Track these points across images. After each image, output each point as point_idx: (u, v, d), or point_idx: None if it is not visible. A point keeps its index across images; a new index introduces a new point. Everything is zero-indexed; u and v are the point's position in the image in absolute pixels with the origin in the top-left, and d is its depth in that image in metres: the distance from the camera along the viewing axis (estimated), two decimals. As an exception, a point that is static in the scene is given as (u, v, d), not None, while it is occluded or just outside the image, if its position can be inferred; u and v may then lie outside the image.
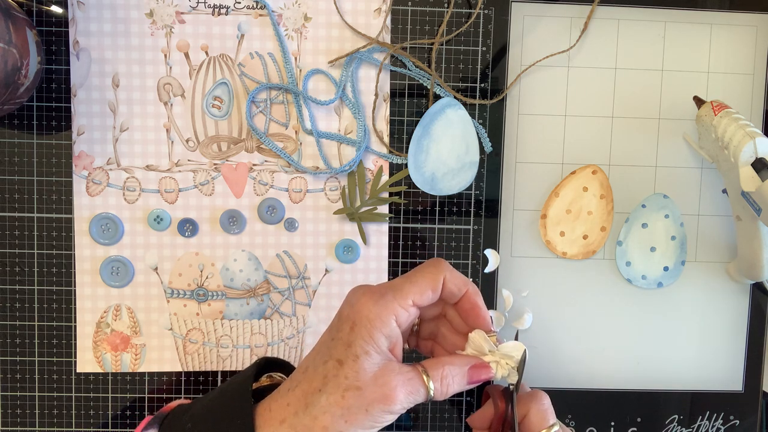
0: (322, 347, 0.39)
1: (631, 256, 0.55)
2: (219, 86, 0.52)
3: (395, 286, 0.39)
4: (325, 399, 0.37)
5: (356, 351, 0.37)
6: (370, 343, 0.38)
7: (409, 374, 0.38)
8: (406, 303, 0.39)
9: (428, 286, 0.39)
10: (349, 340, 0.38)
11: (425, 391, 0.38)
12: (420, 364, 0.39)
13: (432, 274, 0.40)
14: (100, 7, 0.51)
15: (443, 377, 0.39)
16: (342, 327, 0.39)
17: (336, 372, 0.37)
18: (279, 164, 0.53)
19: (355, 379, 0.37)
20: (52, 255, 0.53)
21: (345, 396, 0.37)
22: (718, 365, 0.57)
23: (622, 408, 0.57)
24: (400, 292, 0.39)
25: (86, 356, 0.53)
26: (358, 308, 0.38)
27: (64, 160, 0.52)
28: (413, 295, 0.39)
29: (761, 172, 0.46)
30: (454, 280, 0.40)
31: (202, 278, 0.54)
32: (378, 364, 0.38)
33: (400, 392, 0.37)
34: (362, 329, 0.38)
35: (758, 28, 0.55)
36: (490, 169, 0.54)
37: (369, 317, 0.38)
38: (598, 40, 0.54)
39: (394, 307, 0.38)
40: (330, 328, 0.40)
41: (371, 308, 0.38)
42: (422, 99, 0.53)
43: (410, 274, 0.40)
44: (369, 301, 0.38)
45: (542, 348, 0.56)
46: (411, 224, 0.54)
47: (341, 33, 0.52)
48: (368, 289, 0.39)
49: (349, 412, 0.37)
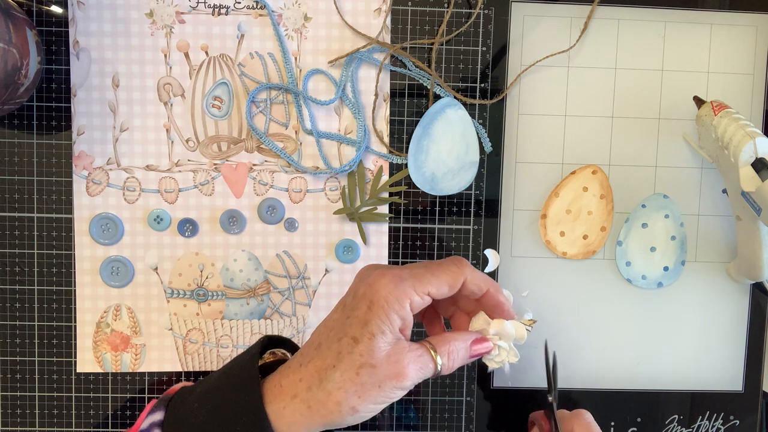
0: (335, 324, 0.40)
1: (631, 256, 0.55)
2: (219, 86, 0.52)
3: (416, 274, 0.40)
4: (340, 375, 0.38)
5: (372, 329, 0.38)
6: (386, 323, 0.39)
7: (418, 351, 0.40)
8: (423, 292, 0.40)
9: (447, 282, 0.41)
10: (366, 318, 0.39)
11: (434, 366, 0.40)
12: (427, 341, 0.41)
13: (453, 273, 0.41)
14: (100, 7, 0.51)
15: (450, 352, 0.41)
16: (358, 305, 0.39)
17: (351, 349, 0.38)
18: (279, 164, 0.53)
19: (369, 357, 0.38)
20: (52, 255, 0.53)
21: (359, 373, 0.38)
22: (718, 365, 0.57)
23: (622, 408, 0.57)
24: (419, 281, 0.40)
25: (86, 356, 0.53)
26: (376, 288, 0.39)
27: (64, 160, 0.52)
28: (431, 287, 0.40)
29: (761, 172, 0.46)
30: (475, 281, 0.42)
31: (202, 278, 0.54)
32: (390, 343, 0.39)
33: (411, 369, 0.39)
34: (379, 309, 0.39)
35: (758, 28, 0.55)
36: (490, 169, 0.54)
37: (387, 298, 0.39)
38: (598, 40, 0.54)
39: (410, 293, 0.39)
40: (343, 306, 0.41)
41: (391, 290, 0.39)
42: (422, 99, 0.53)
43: (431, 266, 0.41)
44: (389, 283, 0.39)
45: (542, 348, 0.56)
46: (411, 224, 0.54)
47: (341, 33, 0.52)
48: (387, 270, 0.40)
49: (363, 388, 0.38)
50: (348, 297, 0.41)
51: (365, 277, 0.41)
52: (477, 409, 0.56)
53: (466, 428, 0.56)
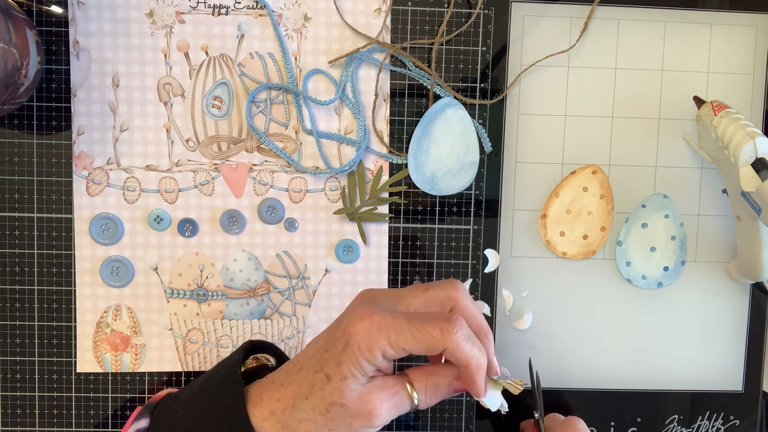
0: (317, 352, 0.40)
1: (631, 256, 0.55)
2: (219, 86, 0.52)
3: (396, 326, 0.37)
4: (311, 408, 0.38)
5: (344, 372, 0.38)
6: (357, 368, 0.38)
7: (394, 388, 0.39)
8: (398, 347, 0.38)
9: (424, 346, 0.38)
10: (340, 359, 0.38)
11: (410, 403, 0.39)
12: (405, 374, 0.40)
13: (435, 339, 0.37)
14: (100, 7, 0.51)
15: (427, 389, 0.40)
16: (336, 342, 0.38)
17: (323, 386, 0.38)
18: (279, 164, 0.53)
19: (339, 397, 0.38)
20: (52, 255, 0.53)
21: (329, 410, 0.38)
22: (718, 365, 0.57)
23: (622, 408, 0.57)
24: (397, 335, 0.37)
25: (86, 356, 0.53)
26: (351, 331, 0.38)
27: (64, 160, 0.52)
28: (406, 344, 0.38)
29: (761, 172, 0.46)
30: (456, 354, 0.38)
31: (202, 278, 0.54)
32: (363, 383, 0.38)
33: (383, 409, 0.38)
34: (351, 354, 0.38)
35: (758, 28, 0.55)
36: (490, 169, 0.54)
37: (359, 345, 0.37)
38: (598, 40, 0.54)
39: (383, 345, 0.37)
40: (328, 333, 0.40)
41: (364, 338, 0.37)
42: (422, 99, 0.53)
43: (417, 323, 0.38)
44: (365, 330, 0.37)
45: (542, 348, 0.56)
46: (411, 224, 0.54)
47: (341, 33, 0.52)
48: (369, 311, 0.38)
49: (333, 423, 0.38)
50: (334, 324, 0.40)
51: (354, 309, 0.39)
52: (477, 409, 0.56)
53: (466, 428, 0.56)
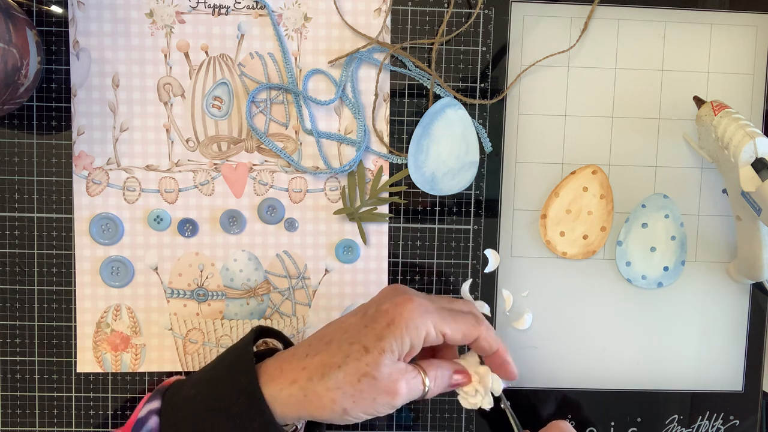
0: (351, 327, 0.42)
1: (631, 256, 0.55)
2: (219, 86, 0.52)
3: (441, 313, 0.43)
4: (342, 376, 0.40)
5: (384, 345, 0.41)
6: (398, 344, 0.41)
7: (413, 373, 0.42)
8: (440, 331, 0.43)
9: (463, 332, 0.43)
10: (382, 333, 0.41)
11: (423, 389, 0.43)
12: (418, 364, 0.44)
13: (472, 326, 0.44)
14: (100, 7, 0.51)
15: (436, 377, 0.44)
16: (378, 319, 0.42)
17: (359, 356, 0.41)
18: (279, 164, 0.53)
19: (374, 369, 0.40)
20: (52, 255, 0.53)
21: (361, 380, 0.40)
22: (718, 365, 0.57)
23: (622, 408, 0.57)
24: (441, 319, 0.43)
25: (86, 356, 0.53)
26: (401, 310, 0.42)
27: (64, 160, 0.52)
28: (449, 330, 0.43)
29: (761, 172, 0.46)
30: (488, 340, 0.44)
31: (202, 278, 0.54)
32: (394, 362, 0.41)
33: (404, 389, 0.41)
34: (397, 329, 0.41)
35: (758, 28, 0.55)
36: (490, 169, 0.54)
37: (408, 323, 0.41)
38: (598, 40, 0.54)
39: (429, 326, 0.42)
40: (364, 314, 0.43)
41: (414, 316, 0.42)
42: (422, 99, 0.53)
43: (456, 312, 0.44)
44: (415, 310, 0.42)
45: (542, 348, 0.56)
46: (411, 224, 0.54)
47: (341, 33, 0.52)
48: (416, 296, 0.43)
49: (360, 395, 0.40)
50: (371, 307, 0.43)
51: (392, 296, 0.43)
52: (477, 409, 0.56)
53: (466, 428, 0.56)
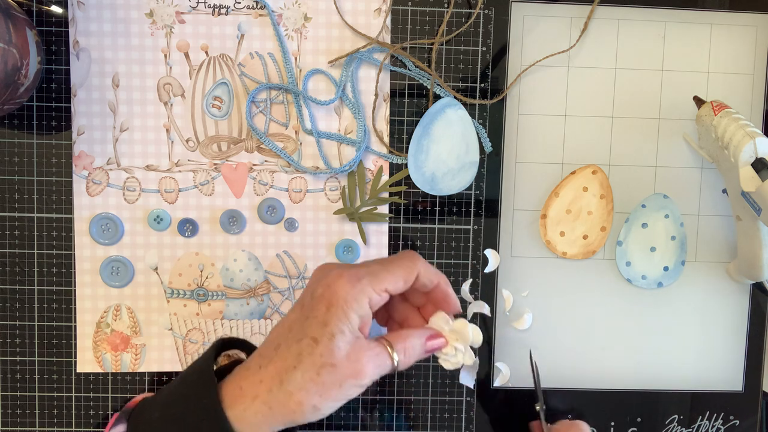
0: (294, 324, 0.41)
1: (631, 256, 0.55)
2: (219, 86, 0.52)
3: (372, 272, 0.41)
4: (301, 376, 0.39)
5: (332, 330, 0.39)
6: (345, 323, 0.39)
7: (376, 349, 0.40)
8: (380, 289, 0.40)
9: (402, 277, 0.41)
10: (325, 319, 0.39)
11: (391, 363, 0.41)
12: (383, 337, 0.42)
13: (408, 267, 0.42)
14: (100, 7, 0.51)
15: (405, 349, 0.42)
16: (317, 306, 0.40)
17: (311, 350, 0.39)
18: (279, 164, 0.53)
19: (330, 357, 0.39)
20: (52, 255, 0.53)
21: (320, 373, 0.39)
22: (718, 365, 0.57)
23: (622, 408, 0.57)
24: (376, 278, 0.41)
25: (86, 356, 0.53)
26: (334, 289, 0.40)
27: (64, 160, 0.52)
28: (387, 283, 0.41)
29: (761, 172, 0.46)
30: (428, 275, 0.43)
31: (202, 278, 0.54)
32: (350, 342, 0.39)
33: (370, 367, 0.40)
34: (338, 309, 0.39)
35: (758, 28, 0.55)
36: (490, 169, 0.54)
37: (346, 298, 0.39)
38: (598, 40, 0.54)
39: (368, 291, 0.40)
40: (302, 306, 0.41)
41: (348, 290, 0.39)
42: (422, 99, 0.53)
43: (386, 262, 0.42)
44: (347, 283, 0.40)
45: (542, 348, 0.56)
46: (411, 224, 0.54)
47: (341, 33, 0.52)
48: (345, 269, 0.41)
49: (324, 387, 0.39)
50: (306, 297, 0.41)
51: (322, 277, 0.41)
52: (477, 409, 0.56)
53: (466, 428, 0.56)
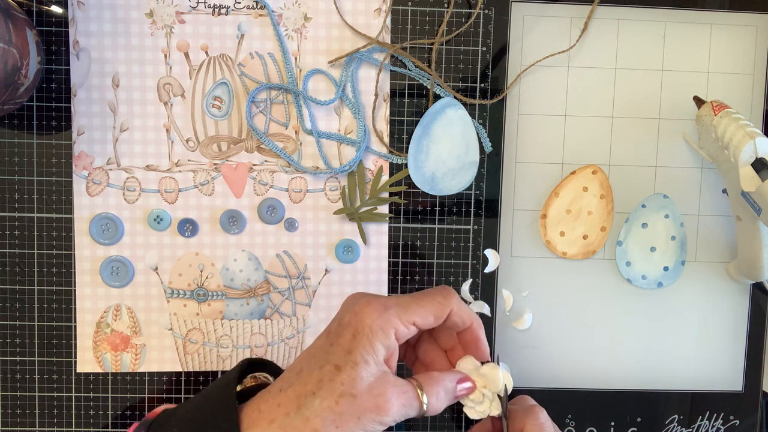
0: (318, 351, 0.40)
1: (631, 256, 0.55)
2: (219, 86, 0.52)
3: (401, 304, 0.40)
4: (319, 403, 0.37)
5: (355, 358, 0.38)
6: (369, 352, 0.38)
7: (404, 387, 0.39)
8: (408, 321, 0.39)
9: (433, 312, 0.40)
10: (350, 347, 0.38)
11: (419, 405, 0.39)
12: (414, 378, 0.40)
13: (440, 303, 0.40)
14: (100, 7, 0.51)
15: (437, 393, 0.40)
16: (343, 333, 0.39)
17: (332, 377, 0.38)
18: (279, 164, 0.53)
19: (350, 387, 0.37)
20: (52, 255, 0.53)
21: (339, 402, 0.37)
22: (718, 365, 0.57)
23: (622, 408, 0.57)
24: (405, 310, 0.39)
25: (86, 356, 0.53)
26: (361, 317, 0.39)
27: (64, 160, 0.52)
28: (417, 317, 0.40)
29: (761, 172, 0.46)
30: (460, 313, 0.41)
31: (202, 278, 0.54)
32: (374, 375, 0.38)
33: (394, 404, 0.38)
34: (363, 338, 0.38)
35: (758, 28, 0.55)
36: (490, 169, 0.54)
37: (372, 327, 0.38)
38: (598, 40, 0.54)
39: (395, 322, 0.39)
40: (328, 333, 0.40)
41: (375, 319, 0.38)
42: (422, 99, 0.53)
43: (419, 296, 0.41)
44: (374, 311, 0.39)
45: (542, 348, 0.56)
46: (411, 224, 0.54)
47: (341, 33, 0.52)
48: (373, 298, 0.40)
49: (341, 418, 0.37)
50: (333, 324, 0.40)
51: (351, 305, 0.40)
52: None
53: (466, 428, 0.56)
